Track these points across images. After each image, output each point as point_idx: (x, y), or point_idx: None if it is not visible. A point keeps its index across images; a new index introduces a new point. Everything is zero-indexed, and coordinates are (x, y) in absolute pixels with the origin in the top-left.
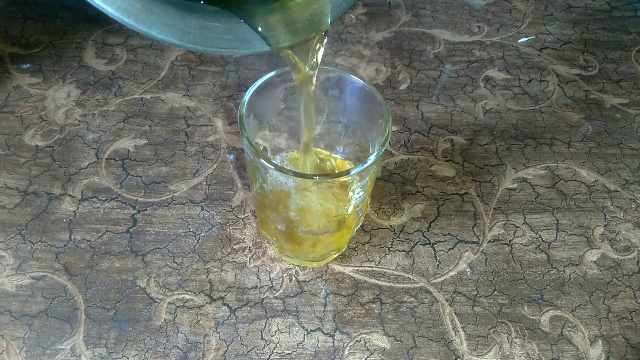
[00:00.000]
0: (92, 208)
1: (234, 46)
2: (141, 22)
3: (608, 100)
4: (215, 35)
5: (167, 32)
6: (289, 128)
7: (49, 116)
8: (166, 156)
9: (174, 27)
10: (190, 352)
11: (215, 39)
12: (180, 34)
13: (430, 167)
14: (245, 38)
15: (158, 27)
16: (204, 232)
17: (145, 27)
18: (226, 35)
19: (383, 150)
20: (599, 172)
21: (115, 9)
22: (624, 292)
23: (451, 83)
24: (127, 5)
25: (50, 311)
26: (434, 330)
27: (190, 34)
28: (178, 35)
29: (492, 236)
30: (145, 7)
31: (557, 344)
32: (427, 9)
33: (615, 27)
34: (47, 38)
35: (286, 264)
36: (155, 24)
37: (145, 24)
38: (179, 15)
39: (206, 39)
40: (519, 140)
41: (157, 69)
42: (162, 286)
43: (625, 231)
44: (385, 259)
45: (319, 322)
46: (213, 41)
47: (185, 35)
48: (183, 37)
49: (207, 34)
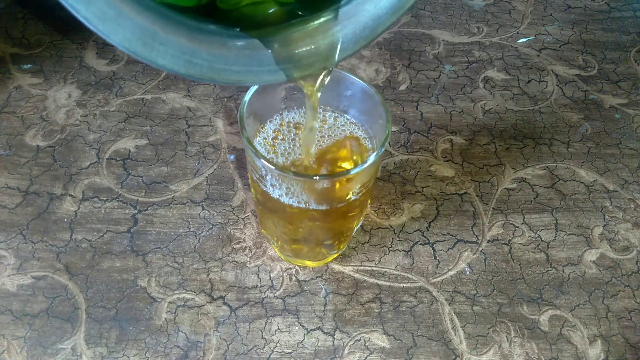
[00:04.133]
0: (93, 208)
1: (241, 78)
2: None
3: (607, 100)
4: (224, 66)
5: (174, 62)
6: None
7: (50, 116)
8: (167, 156)
9: (180, 58)
10: (190, 352)
11: (223, 71)
12: (187, 64)
13: (430, 167)
14: (253, 69)
15: (165, 57)
16: (205, 232)
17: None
18: (234, 67)
19: (382, 151)
20: (598, 172)
21: (122, 40)
22: (623, 292)
23: (450, 83)
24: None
25: (51, 311)
26: (433, 329)
27: (197, 65)
28: (185, 65)
29: (491, 236)
30: (155, 37)
31: (556, 344)
32: (427, 10)
33: (614, 28)
34: (48, 38)
35: (286, 263)
36: (162, 55)
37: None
38: (188, 44)
39: (212, 70)
40: (518, 140)
41: (157, 70)
42: (163, 286)
43: (624, 231)
44: (385, 258)
45: (319, 321)
46: (220, 73)
47: (192, 66)
48: (190, 67)
49: (215, 65)
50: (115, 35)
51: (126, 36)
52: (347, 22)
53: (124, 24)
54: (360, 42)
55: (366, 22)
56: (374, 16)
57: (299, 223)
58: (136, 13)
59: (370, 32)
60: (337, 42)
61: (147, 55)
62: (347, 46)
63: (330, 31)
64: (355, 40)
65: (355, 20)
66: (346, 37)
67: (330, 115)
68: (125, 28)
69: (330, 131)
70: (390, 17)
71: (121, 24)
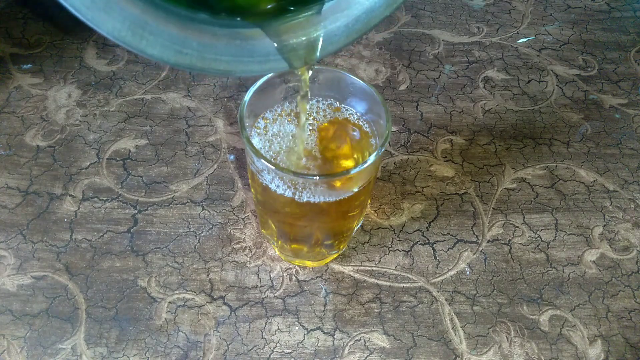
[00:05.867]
0: (93, 208)
1: (230, 67)
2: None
3: (607, 100)
4: (214, 56)
5: (163, 52)
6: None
7: (50, 116)
8: (167, 156)
9: (171, 48)
10: (190, 351)
11: (212, 61)
12: (177, 54)
13: (430, 167)
14: (243, 60)
15: (154, 47)
16: (205, 232)
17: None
18: (224, 57)
19: (382, 151)
20: (598, 172)
21: (111, 29)
22: (622, 292)
23: (450, 83)
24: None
25: (51, 311)
26: (433, 329)
27: (187, 55)
28: (174, 55)
29: (491, 236)
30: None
31: (556, 344)
32: (427, 10)
33: (614, 28)
34: (48, 38)
35: (286, 263)
36: (152, 44)
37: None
38: (179, 34)
39: (202, 60)
40: (518, 140)
41: (157, 70)
42: (163, 286)
43: (624, 231)
44: (385, 258)
45: (319, 321)
46: (210, 63)
47: (182, 56)
48: (179, 57)
49: (205, 55)
50: (104, 25)
51: (115, 26)
52: (339, 14)
53: (113, 14)
54: (352, 34)
55: (359, 15)
56: (367, 9)
57: (299, 222)
58: (126, 2)
59: (363, 25)
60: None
61: (136, 45)
62: (339, 39)
63: (321, 23)
64: (347, 33)
65: (348, 13)
66: (339, 30)
67: (331, 105)
68: (114, 18)
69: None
70: (384, 11)
71: (110, 14)
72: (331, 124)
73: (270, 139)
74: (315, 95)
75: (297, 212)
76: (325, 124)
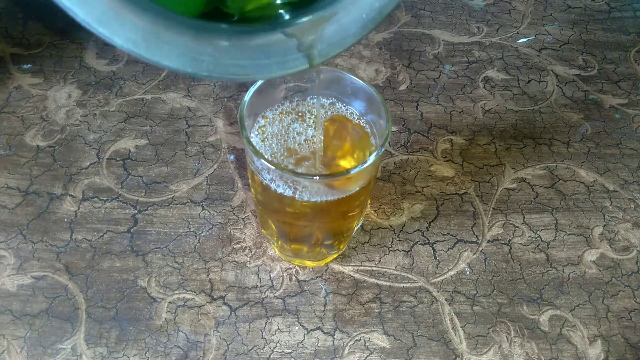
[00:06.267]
0: (93, 208)
1: (249, 72)
2: (151, 53)
3: (607, 100)
4: (231, 61)
5: (180, 62)
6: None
7: (50, 116)
8: (167, 156)
9: (186, 56)
10: (190, 352)
11: (230, 66)
12: (193, 62)
13: (430, 167)
14: (261, 62)
15: (170, 57)
16: (205, 232)
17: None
18: (241, 61)
19: (382, 151)
20: (598, 172)
21: (124, 41)
22: (623, 292)
23: (450, 83)
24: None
25: (51, 311)
26: (433, 329)
27: (204, 62)
28: (191, 64)
29: (491, 236)
30: (159, 36)
31: (556, 344)
32: (427, 10)
33: (614, 28)
34: (48, 38)
35: (286, 263)
36: (167, 54)
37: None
38: (193, 42)
39: (219, 66)
40: (518, 140)
41: (157, 70)
42: (163, 286)
43: (624, 231)
44: (385, 258)
45: (319, 321)
46: (227, 68)
47: (198, 63)
48: (196, 65)
49: (221, 61)
50: (117, 37)
51: (129, 37)
52: (352, 7)
53: (125, 26)
54: (367, 25)
55: (371, 3)
56: None
57: (299, 222)
58: (136, 14)
59: (377, 14)
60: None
61: (150, 56)
62: (355, 31)
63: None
64: (363, 24)
65: (360, 5)
66: (354, 22)
67: (331, 105)
68: (127, 29)
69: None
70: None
71: (122, 26)
72: (331, 124)
73: (270, 138)
74: (315, 95)
75: (297, 212)
76: (325, 124)
